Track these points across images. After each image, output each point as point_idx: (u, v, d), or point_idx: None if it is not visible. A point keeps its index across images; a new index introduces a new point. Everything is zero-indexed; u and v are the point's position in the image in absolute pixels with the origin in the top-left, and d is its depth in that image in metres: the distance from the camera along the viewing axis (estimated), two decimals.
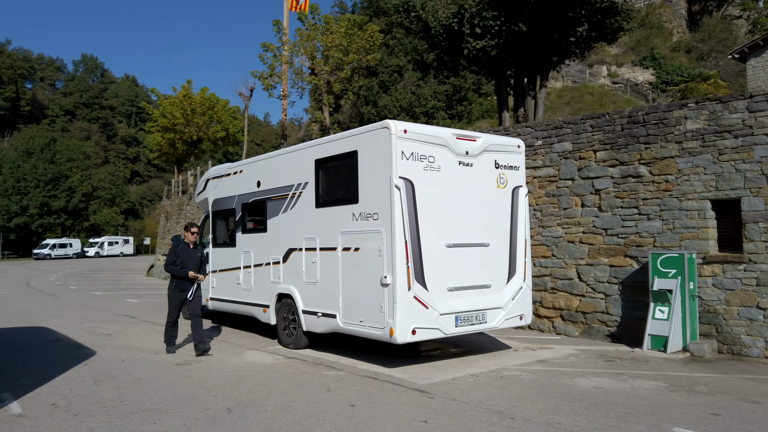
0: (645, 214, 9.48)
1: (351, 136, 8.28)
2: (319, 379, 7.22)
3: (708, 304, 8.74)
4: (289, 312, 9.20)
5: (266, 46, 22.99)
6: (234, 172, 11.19)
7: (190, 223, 9.21)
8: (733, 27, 40.63)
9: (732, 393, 6.49)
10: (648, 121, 9.54)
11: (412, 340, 7.37)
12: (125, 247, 66.64)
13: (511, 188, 8.72)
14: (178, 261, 8.85)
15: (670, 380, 7.04)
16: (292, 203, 9.29)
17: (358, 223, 7.92)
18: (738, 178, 8.51)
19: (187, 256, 8.90)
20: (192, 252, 8.98)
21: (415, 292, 7.40)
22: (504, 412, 5.77)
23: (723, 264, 8.61)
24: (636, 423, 5.44)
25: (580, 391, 6.56)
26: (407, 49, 36.30)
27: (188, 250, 8.96)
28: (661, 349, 8.54)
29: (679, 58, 38.48)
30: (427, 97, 34.83)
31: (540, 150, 10.99)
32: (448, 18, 15.73)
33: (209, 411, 5.91)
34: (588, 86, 36.01)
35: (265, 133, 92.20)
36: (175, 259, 8.87)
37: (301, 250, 8.98)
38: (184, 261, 8.85)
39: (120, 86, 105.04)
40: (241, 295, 10.54)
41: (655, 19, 41.46)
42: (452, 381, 7.07)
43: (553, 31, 15.34)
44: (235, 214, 10.99)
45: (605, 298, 9.88)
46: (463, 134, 8.33)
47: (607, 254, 9.90)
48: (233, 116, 39.03)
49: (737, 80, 33.57)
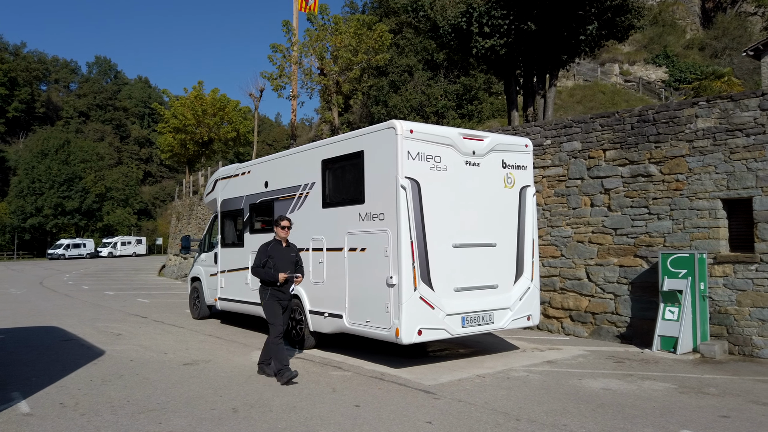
0: (655, 214, 9.37)
1: (357, 136, 8.28)
2: (326, 380, 7.23)
3: (719, 305, 8.62)
4: (296, 312, 9.20)
5: (275, 46, 23.08)
6: (242, 173, 11.23)
7: (281, 216, 7.79)
8: (748, 24, 40.10)
9: (743, 395, 6.39)
10: (658, 120, 9.43)
11: (418, 340, 7.35)
12: (138, 247, 67.26)
13: (518, 188, 8.66)
14: (269, 262, 7.37)
15: (679, 382, 6.96)
16: (300, 203, 9.31)
17: (365, 223, 7.91)
18: (750, 177, 8.39)
19: (280, 255, 7.45)
20: (285, 251, 7.54)
21: (421, 292, 7.37)
22: (510, 414, 5.73)
23: (734, 264, 8.49)
24: (643, 425, 5.37)
25: (587, 393, 6.50)
26: (417, 48, 36.25)
27: (280, 249, 7.50)
28: (671, 350, 8.44)
29: (692, 56, 38.06)
30: (438, 96, 34.76)
31: (549, 149, 10.91)
32: (456, 17, 15.68)
33: (215, 411, 5.93)
34: (600, 85, 35.73)
35: (277, 133, 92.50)
36: (265, 260, 7.37)
37: (308, 251, 8.97)
38: (277, 262, 7.38)
39: (133, 87, 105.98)
40: (249, 295, 10.57)
41: (668, 16, 41.04)
42: (459, 382, 7.04)
43: (562, 29, 15.22)
44: (243, 214, 11.03)
45: (615, 298, 9.78)
46: (470, 134, 8.29)
47: (617, 254, 9.80)
48: (244, 117, 39.25)
49: (752, 78, 33.13)
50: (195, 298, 13.19)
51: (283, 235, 7.59)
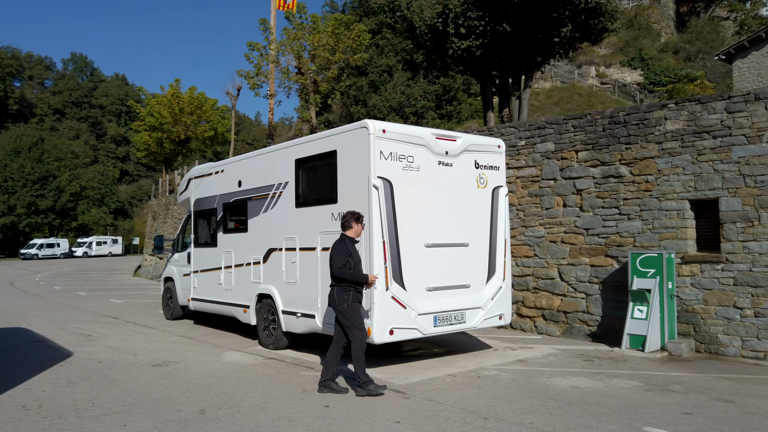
0: (625, 214, 9.51)
1: (330, 135, 8.26)
2: (297, 380, 7.19)
3: (686, 304, 8.78)
4: (269, 312, 9.15)
5: (252, 45, 22.91)
6: (215, 172, 11.13)
7: (360, 214, 6.93)
8: (721, 28, 40.97)
9: (707, 392, 6.52)
10: (629, 122, 9.57)
11: (390, 340, 7.36)
12: (114, 247, 66.18)
13: (491, 188, 8.71)
14: (350, 262, 6.59)
15: (646, 379, 7.07)
16: (273, 203, 9.25)
17: (337, 223, 7.86)
18: (716, 178, 8.56)
19: (357, 254, 6.77)
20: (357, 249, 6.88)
21: (393, 292, 7.38)
22: (478, 412, 5.76)
23: (701, 264, 8.66)
24: (608, 423, 5.45)
25: (556, 391, 6.57)
26: (397, 49, 36.31)
27: (355, 248, 6.80)
28: (639, 348, 8.57)
29: (666, 59, 38.74)
30: (417, 97, 34.85)
31: (523, 150, 11.00)
32: (432, 18, 15.73)
33: (182, 413, 5.86)
34: (577, 87, 36.18)
35: (257, 132, 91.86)
36: (348, 259, 6.58)
37: (281, 250, 8.93)
38: (356, 261, 6.67)
39: (110, 85, 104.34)
40: (222, 295, 10.49)
41: (643, 20, 41.72)
42: (430, 381, 7.06)
43: (537, 31, 15.37)
44: (216, 213, 10.93)
45: (586, 297, 9.91)
46: (443, 134, 8.32)
47: (588, 254, 9.93)
48: (222, 116, 38.91)
49: (724, 81, 33.84)
50: (168, 298, 13.04)
51: (360, 231, 6.87)
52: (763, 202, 8.11)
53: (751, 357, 8.13)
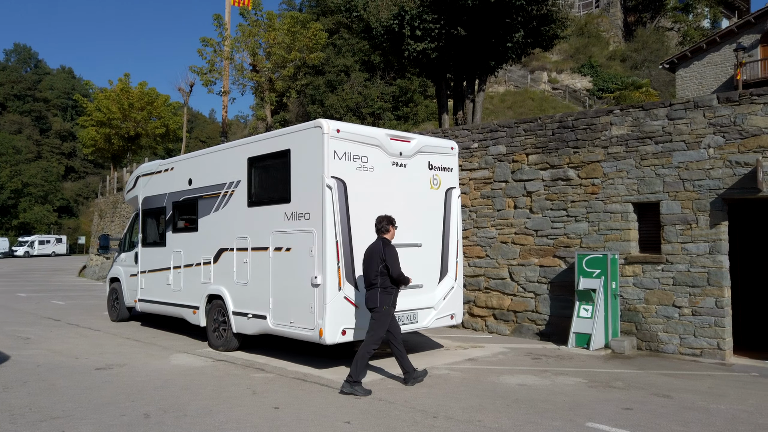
0: (573, 216, 9.79)
1: (284, 134, 8.19)
2: (247, 382, 7.09)
3: (629, 303, 9.11)
4: (219, 313, 8.99)
5: (206, 40, 22.44)
6: (165, 170, 10.85)
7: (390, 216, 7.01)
8: (665, 38, 42.70)
9: (646, 388, 6.78)
10: (577, 126, 9.86)
11: (342, 340, 7.34)
12: (57, 246, 63.59)
13: (444, 189, 8.81)
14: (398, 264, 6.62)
15: (590, 377, 7.29)
16: (224, 202, 9.09)
17: (290, 222, 7.83)
18: (658, 182, 8.91)
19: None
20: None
21: (346, 292, 7.37)
22: (428, 411, 5.82)
23: (643, 264, 9.00)
24: (553, 419, 5.59)
25: (504, 389, 6.70)
26: (354, 49, 36.30)
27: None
28: (584, 346, 8.84)
29: (614, 67, 40.09)
30: (374, 97, 34.94)
31: (476, 152, 11.18)
32: (389, 19, 15.80)
33: (125, 417, 5.69)
34: (529, 91, 37.03)
35: (210, 130, 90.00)
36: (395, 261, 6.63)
37: (232, 250, 8.79)
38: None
39: (55, 78, 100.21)
40: (170, 296, 10.23)
41: (593, 28, 43.06)
42: (381, 381, 7.08)
43: (490, 36, 15.65)
44: (165, 212, 10.66)
45: (535, 297, 10.15)
46: (397, 135, 8.37)
47: (538, 255, 10.17)
48: (174, 112, 37.92)
49: (668, 89, 35.28)
50: (114, 299, 12.63)
51: (393, 236, 6.95)
52: (701, 205, 8.50)
53: (689, 354, 8.51)
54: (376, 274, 6.62)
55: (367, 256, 6.80)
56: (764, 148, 8.01)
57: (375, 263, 6.66)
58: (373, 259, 6.70)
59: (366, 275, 6.74)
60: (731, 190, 8.24)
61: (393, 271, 6.61)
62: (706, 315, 8.39)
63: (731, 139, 8.29)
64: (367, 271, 6.73)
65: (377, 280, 6.63)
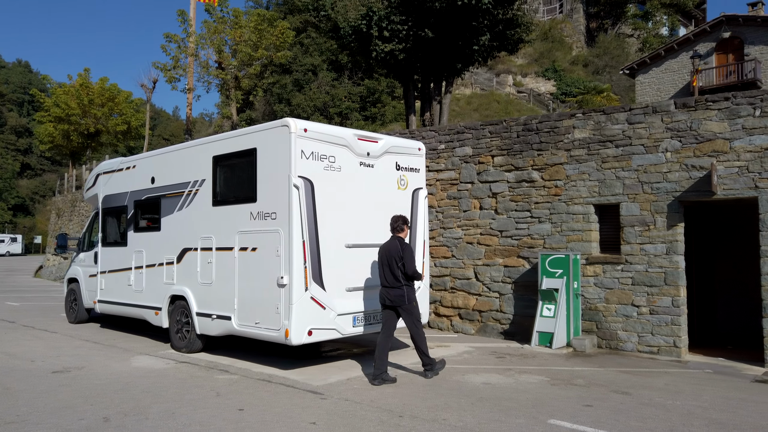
0: (536, 217, 9.98)
1: (250, 133, 8.10)
2: (210, 384, 6.98)
3: (590, 302, 9.33)
4: (183, 314, 8.83)
5: (170, 36, 22.01)
6: (127, 167, 10.60)
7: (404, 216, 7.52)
8: (626, 45, 43.86)
9: (606, 385, 6.95)
10: (541, 129, 10.05)
11: (308, 341, 7.31)
12: (12, 245, 61.33)
13: (411, 190, 8.86)
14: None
15: (552, 375, 7.44)
16: (188, 201, 8.94)
17: (256, 222, 7.75)
18: (618, 184, 9.16)
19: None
20: None
21: (313, 292, 7.34)
22: (394, 411, 5.84)
23: (603, 264, 9.23)
24: (517, 417, 5.69)
25: (469, 388, 6.78)
26: (322, 48, 36.14)
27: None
28: (547, 345, 9.02)
29: (577, 71, 40.98)
30: (342, 97, 34.86)
31: (443, 153, 11.28)
32: (357, 20, 15.80)
33: (83, 421, 5.54)
34: (495, 94, 37.54)
35: (174, 127, 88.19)
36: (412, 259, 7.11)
37: (196, 250, 8.65)
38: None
39: (11, 72, 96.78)
40: (131, 297, 10.00)
41: (557, 33, 43.91)
42: (347, 381, 7.07)
43: (457, 38, 15.82)
44: (127, 211, 10.41)
45: (500, 297, 10.29)
46: (365, 135, 8.38)
47: (502, 255, 10.32)
48: (136, 109, 37.02)
49: (628, 94, 36.28)
50: (72, 300, 12.27)
51: (407, 235, 7.44)
52: (659, 207, 8.77)
53: (647, 351, 8.76)
54: (400, 272, 7.01)
55: (384, 255, 7.10)
56: (718, 152, 8.32)
57: (394, 261, 7.00)
58: (391, 258, 7.03)
59: (385, 274, 7.06)
60: (687, 192, 8.53)
61: (409, 268, 6.99)
62: (663, 314, 8.66)
63: (687, 144, 8.58)
64: (385, 270, 7.06)
65: (402, 279, 7.02)
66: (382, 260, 7.12)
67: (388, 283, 7.04)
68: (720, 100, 8.41)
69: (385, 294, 7.09)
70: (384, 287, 7.08)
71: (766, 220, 7.93)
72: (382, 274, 7.11)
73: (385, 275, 7.06)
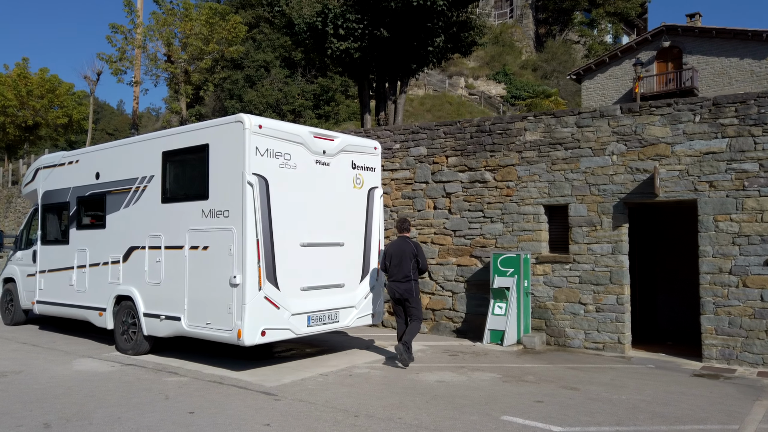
0: (489, 217, 10.15)
1: (202, 128, 7.90)
2: (159, 387, 6.76)
3: (539, 301, 9.57)
4: (129, 315, 8.52)
5: (116, 27, 21.21)
6: (69, 162, 10.15)
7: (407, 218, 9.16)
8: (573, 51, 45.28)
9: (556, 381, 7.15)
10: (494, 131, 10.23)
11: (262, 341, 7.19)
12: None
13: (367, 189, 8.85)
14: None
15: (504, 372, 7.59)
16: (136, 198, 8.63)
17: (208, 220, 7.56)
18: (566, 186, 9.43)
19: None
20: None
21: (266, 292, 7.22)
22: (349, 410, 5.82)
23: (553, 264, 9.49)
24: (470, 414, 5.77)
25: (423, 386, 6.83)
26: (275, 44, 35.67)
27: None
28: (498, 342, 9.19)
29: (526, 76, 42.00)
30: (295, 95, 34.53)
31: (398, 153, 11.32)
32: (312, 16, 15.67)
33: (22, 428, 5.26)
34: (448, 96, 38.01)
35: (119, 122, 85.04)
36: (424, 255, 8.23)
37: (144, 249, 8.37)
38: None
39: None
40: (73, 297, 9.58)
41: (507, 37, 44.88)
42: (302, 382, 7.00)
43: (412, 39, 15.93)
44: (69, 208, 9.96)
45: (453, 295, 10.42)
46: (321, 133, 8.32)
47: (456, 254, 10.46)
48: (79, 102, 35.52)
49: (574, 99, 37.44)
50: (8, 301, 11.65)
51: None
52: (605, 208, 9.08)
53: (593, 348, 9.06)
54: (411, 269, 7.88)
55: (397, 253, 7.98)
56: (661, 156, 8.68)
57: (408, 259, 7.89)
58: (405, 256, 7.92)
59: (398, 271, 7.91)
60: (632, 194, 8.87)
61: (424, 265, 8.06)
62: (609, 311, 8.97)
63: (632, 147, 8.92)
64: (398, 267, 7.92)
65: (412, 275, 7.91)
66: (394, 258, 7.96)
67: (399, 278, 7.90)
68: (663, 106, 8.78)
69: (395, 287, 7.94)
70: (396, 282, 7.94)
71: (704, 222, 8.34)
72: (394, 270, 7.95)
73: (395, 272, 7.94)
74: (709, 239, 8.30)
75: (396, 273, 7.91)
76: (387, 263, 8.06)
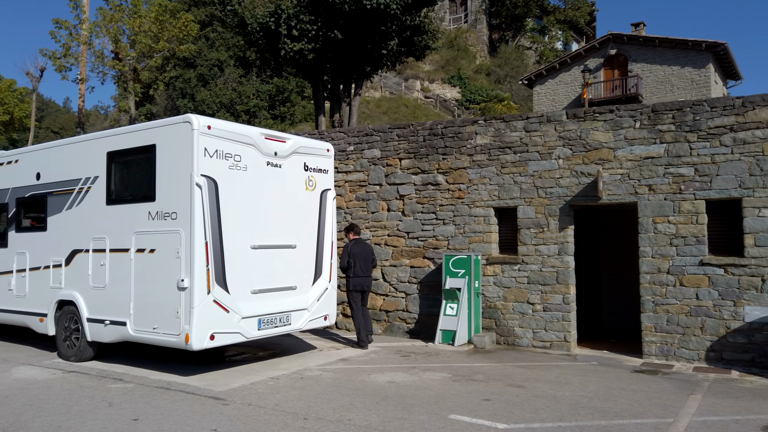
0: (441, 219, 10.29)
1: (149, 128, 7.73)
2: (102, 394, 6.57)
3: (490, 301, 9.77)
4: (72, 321, 8.24)
5: (59, 22, 20.45)
6: (8, 162, 9.73)
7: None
8: (525, 56, 46.35)
9: (503, 380, 7.31)
10: (446, 134, 10.39)
11: (210, 345, 7.07)
12: None
13: (319, 191, 8.84)
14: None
15: (454, 371, 7.72)
16: (79, 199, 8.36)
17: (155, 222, 7.40)
18: (515, 188, 9.66)
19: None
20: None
21: (215, 295, 7.11)
22: (299, 413, 5.80)
23: (502, 264, 9.70)
24: (419, 413, 5.84)
25: (374, 387, 6.87)
26: (228, 43, 35.08)
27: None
28: (450, 342, 9.33)
29: (480, 80, 42.75)
30: (250, 95, 34.06)
31: (352, 155, 11.34)
32: (265, 16, 15.52)
33: None
34: (403, 98, 38.28)
35: (65, 120, 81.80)
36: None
37: (87, 252, 8.11)
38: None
39: None
40: (12, 302, 9.18)
41: (462, 42, 45.55)
42: (251, 386, 6.93)
43: (366, 42, 15.99)
44: (7, 209, 9.55)
45: (406, 297, 10.52)
46: (272, 134, 8.26)
47: (409, 256, 10.55)
48: (21, 99, 34.00)
49: (526, 104, 38.35)
50: None
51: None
52: (551, 210, 9.35)
53: (540, 346, 9.31)
54: (371, 266, 9.51)
55: (362, 253, 9.39)
56: (604, 160, 9.01)
57: (369, 259, 9.46)
58: (367, 257, 9.44)
59: (365, 268, 9.39)
60: (577, 197, 9.17)
61: (375, 263, 9.82)
62: (555, 311, 9.24)
63: (577, 151, 9.22)
64: (363, 265, 9.36)
65: (370, 271, 9.52)
66: (360, 258, 9.32)
67: (366, 274, 9.39)
68: (605, 112, 9.11)
69: (363, 282, 9.35)
70: (362, 277, 9.33)
71: (644, 224, 8.70)
72: (361, 267, 9.30)
73: (364, 269, 9.34)
74: (649, 240, 8.66)
75: (361, 270, 9.28)
76: (352, 262, 9.23)
